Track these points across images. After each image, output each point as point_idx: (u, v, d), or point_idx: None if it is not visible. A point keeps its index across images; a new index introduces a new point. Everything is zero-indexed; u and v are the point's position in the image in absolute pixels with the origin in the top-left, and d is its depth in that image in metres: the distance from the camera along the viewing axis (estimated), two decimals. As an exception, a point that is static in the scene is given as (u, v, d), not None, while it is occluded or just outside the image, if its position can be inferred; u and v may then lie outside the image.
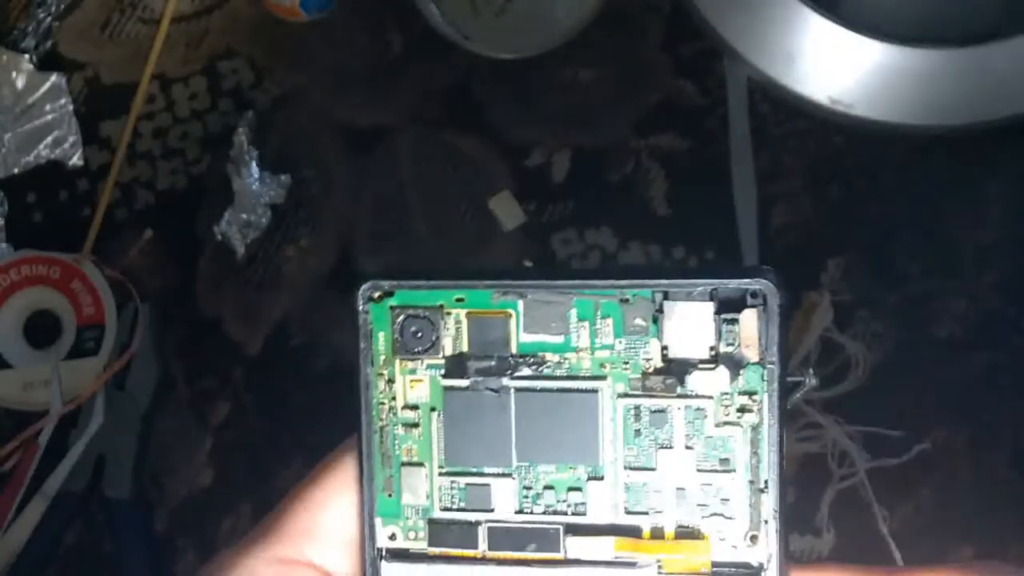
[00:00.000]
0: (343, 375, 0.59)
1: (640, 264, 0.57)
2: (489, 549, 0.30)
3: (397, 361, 0.30)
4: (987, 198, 0.56)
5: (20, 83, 0.62)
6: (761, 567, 0.29)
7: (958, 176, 0.56)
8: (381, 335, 0.30)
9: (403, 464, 0.30)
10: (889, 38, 0.53)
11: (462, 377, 0.30)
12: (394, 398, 0.30)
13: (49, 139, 0.62)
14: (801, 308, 0.54)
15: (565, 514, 0.30)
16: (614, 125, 0.59)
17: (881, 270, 0.56)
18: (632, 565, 0.29)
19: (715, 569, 0.29)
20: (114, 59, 0.63)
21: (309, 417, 0.59)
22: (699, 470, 0.29)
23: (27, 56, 0.62)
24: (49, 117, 0.62)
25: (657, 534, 0.29)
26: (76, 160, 0.62)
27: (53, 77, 0.62)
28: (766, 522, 0.29)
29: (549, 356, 0.30)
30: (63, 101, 0.62)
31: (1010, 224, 0.56)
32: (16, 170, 0.62)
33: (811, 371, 0.34)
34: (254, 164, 0.60)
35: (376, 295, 0.30)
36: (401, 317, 0.30)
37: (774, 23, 0.54)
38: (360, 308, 0.30)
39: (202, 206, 0.61)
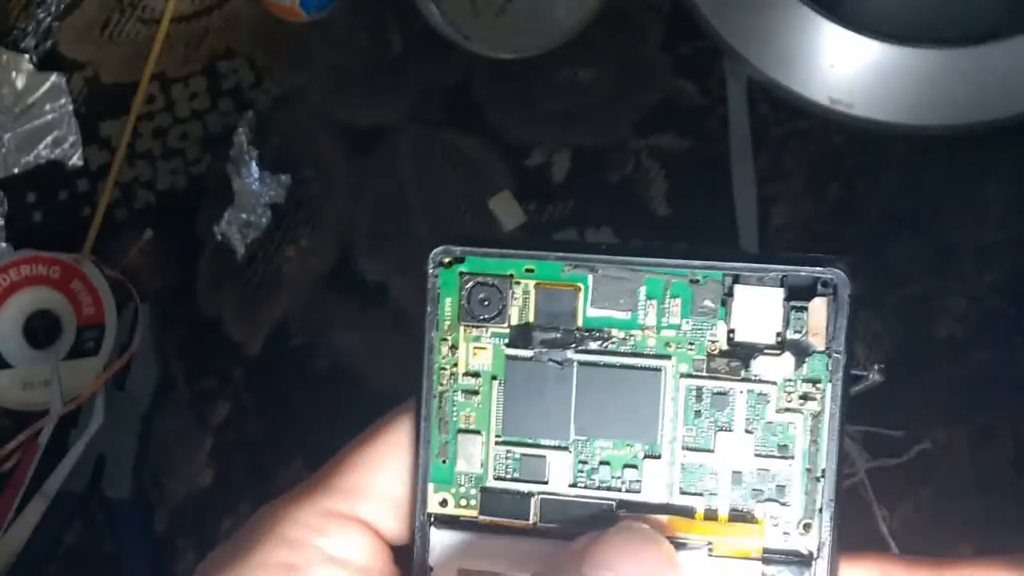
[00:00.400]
0: (343, 375, 0.59)
1: (711, 247, 0.57)
2: (540, 521, 0.30)
3: (462, 327, 0.30)
4: (987, 198, 0.56)
5: (20, 83, 0.62)
6: (812, 555, 0.29)
7: (958, 176, 0.56)
8: (448, 300, 0.30)
9: (460, 431, 0.30)
10: (889, 38, 0.53)
11: (526, 347, 0.30)
12: (456, 364, 0.30)
13: (49, 139, 0.62)
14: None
15: (619, 490, 0.30)
16: (614, 125, 0.59)
17: (881, 270, 0.56)
18: (683, 545, 0.29)
19: (766, 554, 0.29)
20: (114, 59, 0.63)
21: (309, 417, 0.59)
22: (757, 455, 0.29)
23: (27, 56, 0.62)
24: (49, 117, 0.62)
25: (710, 516, 0.29)
26: (76, 160, 0.62)
27: (53, 77, 0.62)
28: (820, 511, 0.29)
29: (615, 332, 0.30)
30: (63, 101, 0.62)
31: (1010, 224, 0.56)
32: (16, 170, 0.62)
33: (876, 366, 0.34)
34: (254, 164, 0.60)
35: (446, 260, 0.30)
36: (470, 284, 0.30)
37: (774, 23, 0.54)
38: (430, 272, 0.30)
39: (202, 206, 0.61)
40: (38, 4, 0.63)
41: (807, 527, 0.29)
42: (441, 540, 0.30)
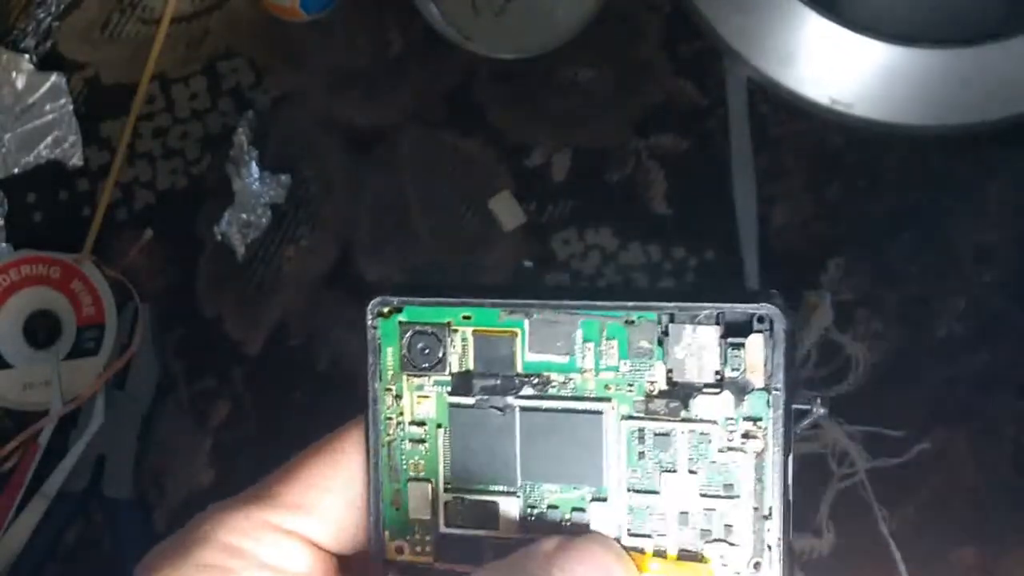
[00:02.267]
0: (343, 375, 0.59)
1: (646, 287, 0.57)
2: None
3: (405, 377, 0.30)
4: (987, 198, 0.56)
5: (20, 83, 0.62)
6: None
7: (958, 176, 0.56)
8: (390, 350, 0.30)
9: (410, 479, 0.30)
10: (889, 38, 0.53)
11: (467, 395, 0.30)
12: (401, 413, 0.30)
13: (49, 139, 0.62)
14: (801, 308, 0.54)
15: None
16: (614, 125, 0.59)
17: (881, 270, 0.56)
18: None
19: None
20: (114, 59, 0.63)
21: (309, 417, 0.59)
22: (703, 495, 0.29)
23: (27, 56, 0.62)
24: (49, 117, 0.62)
25: (660, 557, 0.29)
26: (76, 160, 0.62)
27: (53, 77, 0.62)
28: (769, 548, 0.29)
29: (554, 376, 0.29)
30: (63, 101, 0.62)
31: (1010, 224, 0.56)
32: (16, 170, 0.62)
33: (819, 400, 0.34)
34: (254, 164, 0.60)
35: (385, 310, 0.30)
36: (409, 333, 0.30)
37: (774, 23, 0.54)
38: (369, 323, 0.30)
39: (202, 206, 0.61)
40: (38, 4, 0.63)
41: (757, 566, 0.29)
42: None
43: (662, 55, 0.59)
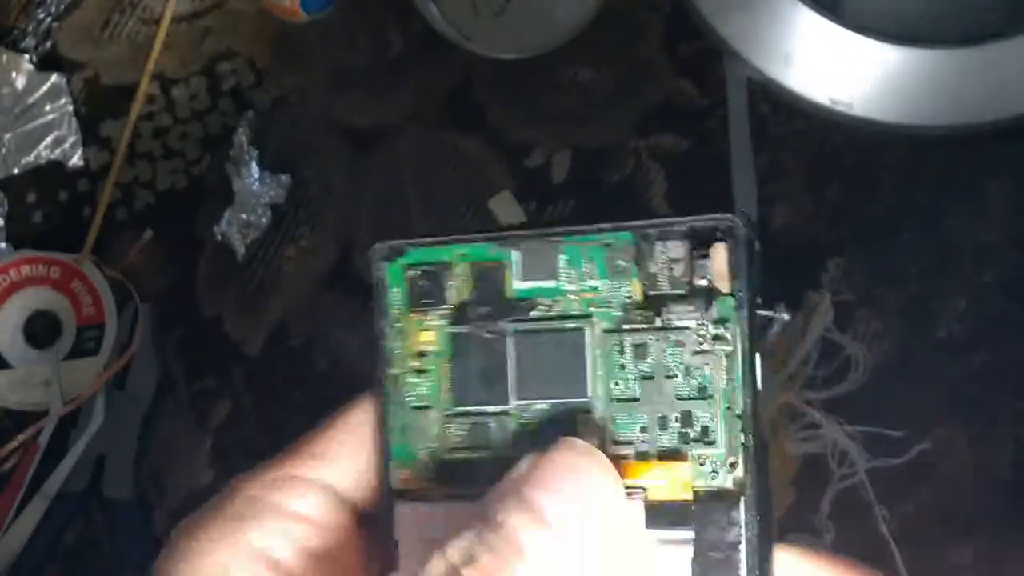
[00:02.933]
0: (343, 375, 0.59)
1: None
2: (491, 485, 0.31)
3: (410, 313, 0.33)
4: (987, 198, 0.56)
5: (20, 83, 0.62)
6: (740, 492, 0.30)
7: (958, 176, 0.56)
8: (395, 291, 0.33)
9: (414, 408, 0.33)
10: (889, 38, 0.53)
11: (465, 324, 0.32)
12: (407, 348, 0.33)
13: (49, 139, 0.62)
14: (801, 308, 0.54)
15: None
16: (614, 125, 0.59)
17: (881, 270, 0.56)
18: None
19: (696, 494, 0.30)
20: (114, 59, 0.63)
21: (309, 417, 0.59)
22: (679, 398, 0.31)
23: (27, 56, 0.62)
24: (49, 117, 0.62)
25: (642, 460, 0.31)
26: (76, 160, 0.62)
27: (53, 77, 0.62)
28: (744, 446, 0.30)
29: (542, 300, 0.32)
30: (63, 101, 0.62)
31: (1010, 224, 0.56)
32: (16, 170, 0.62)
33: (782, 305, 0.36)
34: (254, 164, 0.60)
35: (389, 254, 0.34)
36: (412, 273, 0.33)
37: (774, 23, 0.54)
38: (375, 267, 0.34)
39: (202, 206, 0.61)
40: (38, 4, 0.63)
41: (733, 465, 0.30)
42: (404, 514, 0.32)
43: (662, 55, 0.59)
